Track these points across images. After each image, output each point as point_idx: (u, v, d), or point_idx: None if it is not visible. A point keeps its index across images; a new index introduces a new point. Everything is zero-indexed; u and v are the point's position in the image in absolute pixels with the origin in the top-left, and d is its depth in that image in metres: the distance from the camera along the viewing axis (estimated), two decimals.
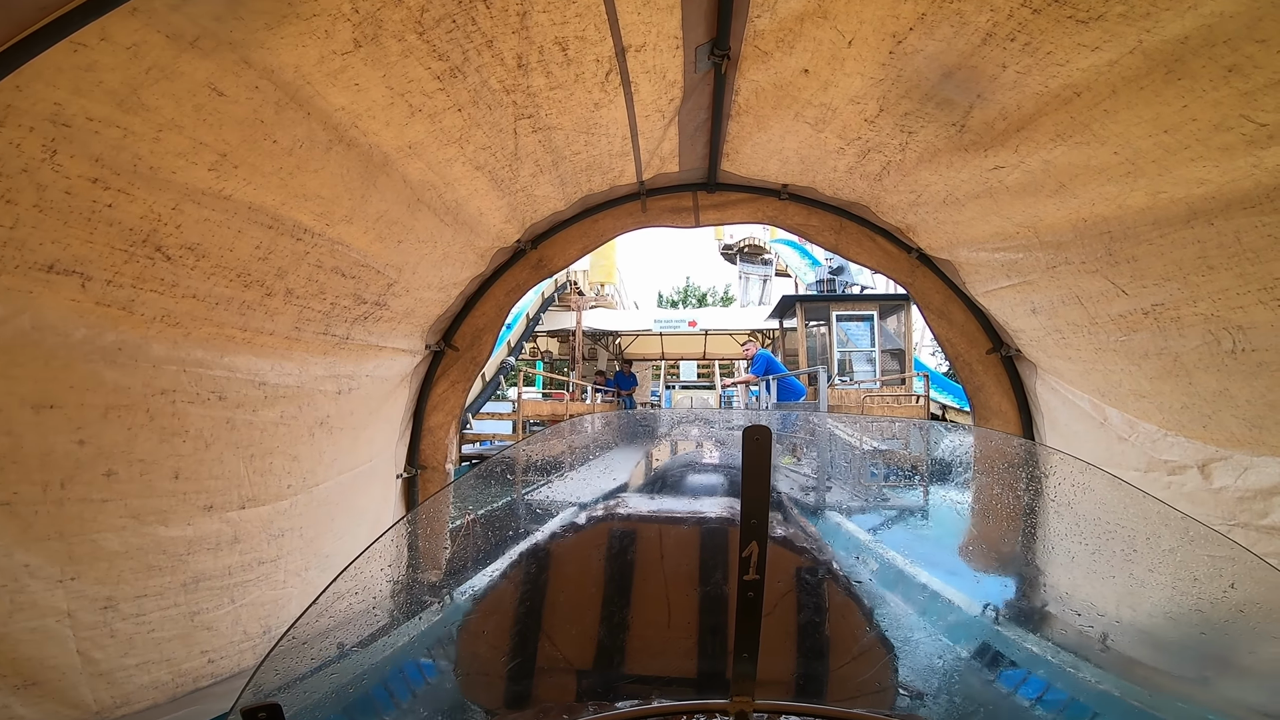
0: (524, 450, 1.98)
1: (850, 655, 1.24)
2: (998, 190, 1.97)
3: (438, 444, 3.05)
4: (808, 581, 1.28)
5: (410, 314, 2.52)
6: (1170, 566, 1.15)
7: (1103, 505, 1.30)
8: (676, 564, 1.35)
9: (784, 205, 2.91)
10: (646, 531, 1.39)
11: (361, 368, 2.38)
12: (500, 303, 2.96)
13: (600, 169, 2.59)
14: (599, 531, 1.41)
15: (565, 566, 1.38)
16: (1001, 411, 2.75)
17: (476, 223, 2.42)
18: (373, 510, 2.73)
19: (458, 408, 3.03)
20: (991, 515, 1.52)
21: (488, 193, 2.29)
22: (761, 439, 0.87)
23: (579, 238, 2.98)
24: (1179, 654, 1.21)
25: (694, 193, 2.97)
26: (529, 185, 2.42)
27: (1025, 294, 2.22)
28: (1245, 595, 1.07)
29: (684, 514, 1.46)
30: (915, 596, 1.52)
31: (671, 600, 1.31)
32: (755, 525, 0.88)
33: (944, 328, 2.78)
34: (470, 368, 2.99)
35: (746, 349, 8.89)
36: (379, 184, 1.89)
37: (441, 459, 3.08)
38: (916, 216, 2.47)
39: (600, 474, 1.69)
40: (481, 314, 2.97)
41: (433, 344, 2.90)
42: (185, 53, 1.23)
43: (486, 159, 2.11)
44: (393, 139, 1.79)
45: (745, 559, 0.89)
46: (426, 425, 3.03)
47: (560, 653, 1.26)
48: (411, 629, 1.37)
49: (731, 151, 2.60)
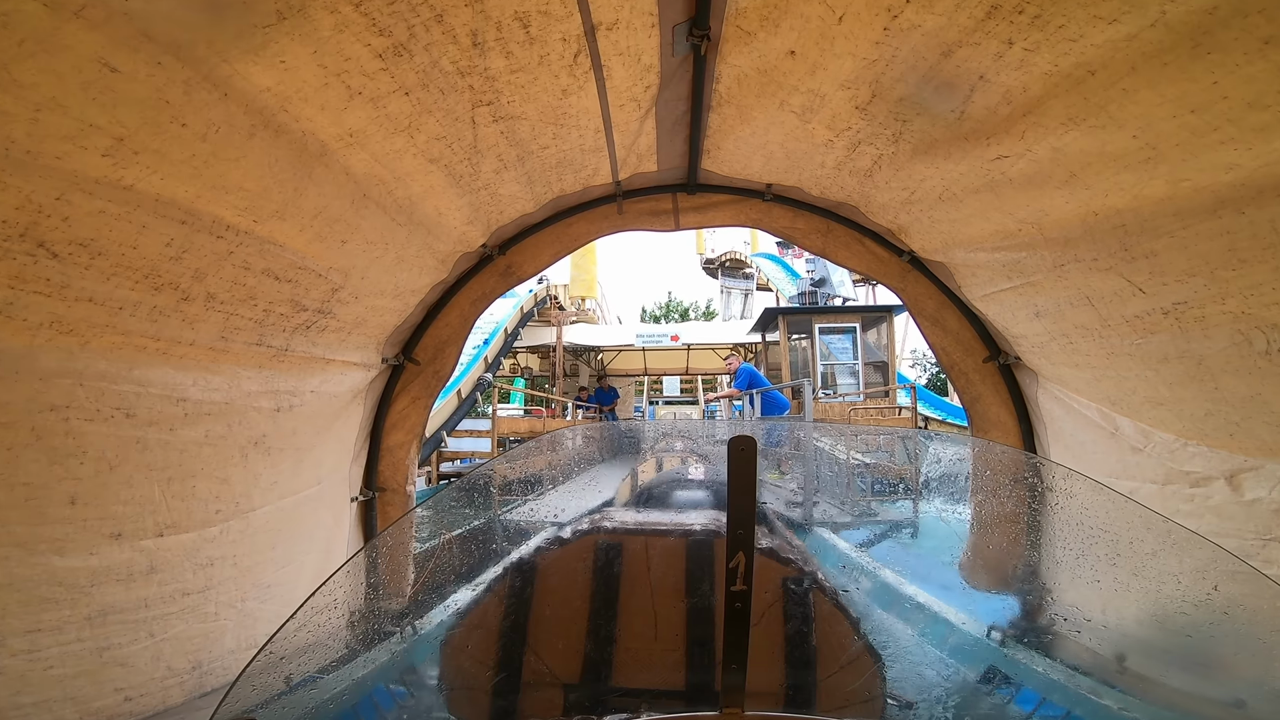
0: (503, 465, 1.92)
1: (839, 665, 1.23)
2: (1000, 183, 1.83)
3: (398, 465, 2.80)
4: (795, 592, 1.27)
5: (362, 323, 2.29)
6: (1155, 572, 1.14)
7: (1088, 513, 1.29)
8: (663, 576, 1.32)
9: (768, 207, 2.76)
10: (632, 544, 1.36)
11: (305, 382, 2.14)
12: (465, 312, 2.74)
13: (572, 166, 2.41)
14: (584, 545, 1.38)
15: (550, 580, 1.34)
16: (1000, 423, 2.59)
17: (434, 224, 2.21)
18: (323, 536, 2.47)
19: (419, 426, 2.79)
20: (978, 526, 1.50)
21: (445, 190, 2.08)
22: (747, 449, 0.87)
23: (551, 243, 2.78)
24: (1163, 659, 1.20)
25: (674, 194, 2.80)
26: (492, 183, 2.22)
27: (1028, 296, 2.07)
28: (1254, 614, 1.05)
29: (670, 526, 1.43)
30: (903, 607, 1.53)
31: (659, 613, 1.28)
32: (742, 536, 0.87)
33: (938, 335, 2.63)
34: (433, 383, 2.75)
35: (729, 363, 8.73)
36: (316, 176, 1.67)
37: (402, 480, 2.83)
38: (909, 216, 2.32)
39: (583, 487, 1.66)
40: (445, 325, 2.75)
41: (390, 357, 2.66)
42: (68, 23, 1.04)
43: (442, 151, 1.91)
44: (330, 126, 1.58)
45: (732, 569, 0.89)
46: (385, 445, 2.78)
47: (546, 667, 1.23)
48: (394, 645, 1.35)
49: (713, 148, 2.44)
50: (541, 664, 1.24)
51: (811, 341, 11.38)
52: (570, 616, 1.29)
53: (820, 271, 12.87)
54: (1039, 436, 2.48)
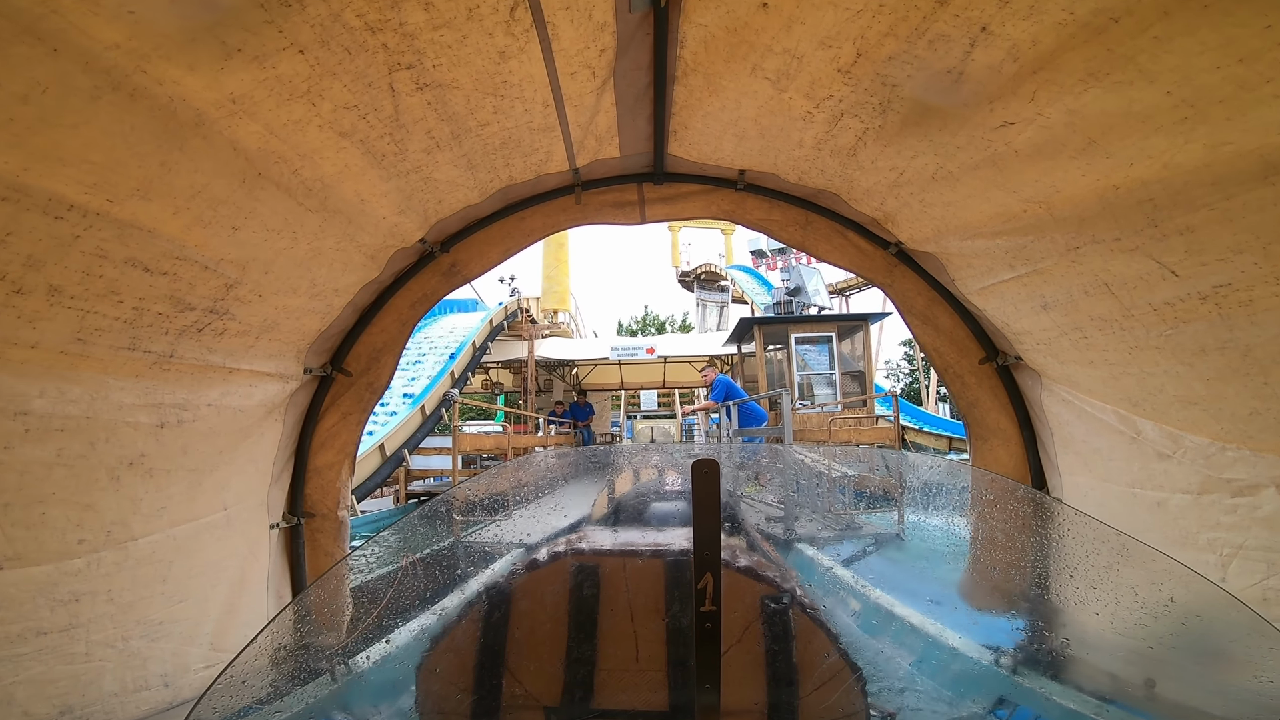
0: (472, 488, 1.91)
1: (820, 682, 1.23)
2: (1003, 156, 1.60)
3: (328, 488, 2.45)
4: (773, 609, 1.27)
5: (273, 327, 1.95)
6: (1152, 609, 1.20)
7: (1070, 539, 1.38)
8: (641, 597, 1.31)
9: (741, 198, 2.51)
10: (609, 565, 1.35)
11: (200, 395, 1.80)
12: (404, 317, 2.42)
13: (520, 149, 2.12)
14: (560, 567, 1.35)
15: (527, 603, 1.33)
16: (1000, 430, 2.36)
17: (356, 212, 1.90)
18: (235, 567, 2.12)
19: (352, 444, 2.45)
20: (957, 546, 1.55)
21: (365, 171, 1.78)
22: (710, 472, 0.89)
23: (501, 239, 2.49)
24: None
25: (639, 184, 2.54)
26: (424, 165, 1.93)
27: (1034, 286, 1.84)
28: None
29: (647, 546, 1.41)
30: (885, 623, 1.61)
31: (639, 633, 1.27)
32: (708, 557, 0.89)
33: (929, 335, 2.40)
34: (366, 396, 2.42)
35: (705, 375, 8.50)
36: (191, 149, 1.37)
37: (334, 505, 2.47)
38: (898, 201, 2.09)
39: (557, 509, 1.65)
40: (380, 330, 2.42)
41: (315, 367, 2.33)
42: None
43: (355, 124, 1.61)
44: (204, 90, 1.29)
45: (701, 590, 0.90)
46: (313, 465, 2.43)
47: (526, 690, 1.24)
48: (365, 673, 1.38)
49: (680, 127, 2.18)
50: (521, 687, 1.24)
51: (788, 352, 11.22)
52: (548, 639, 1.28)
53: (795, 280, 12.76)
54: (1044, 444, 2.25)
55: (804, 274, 12.79)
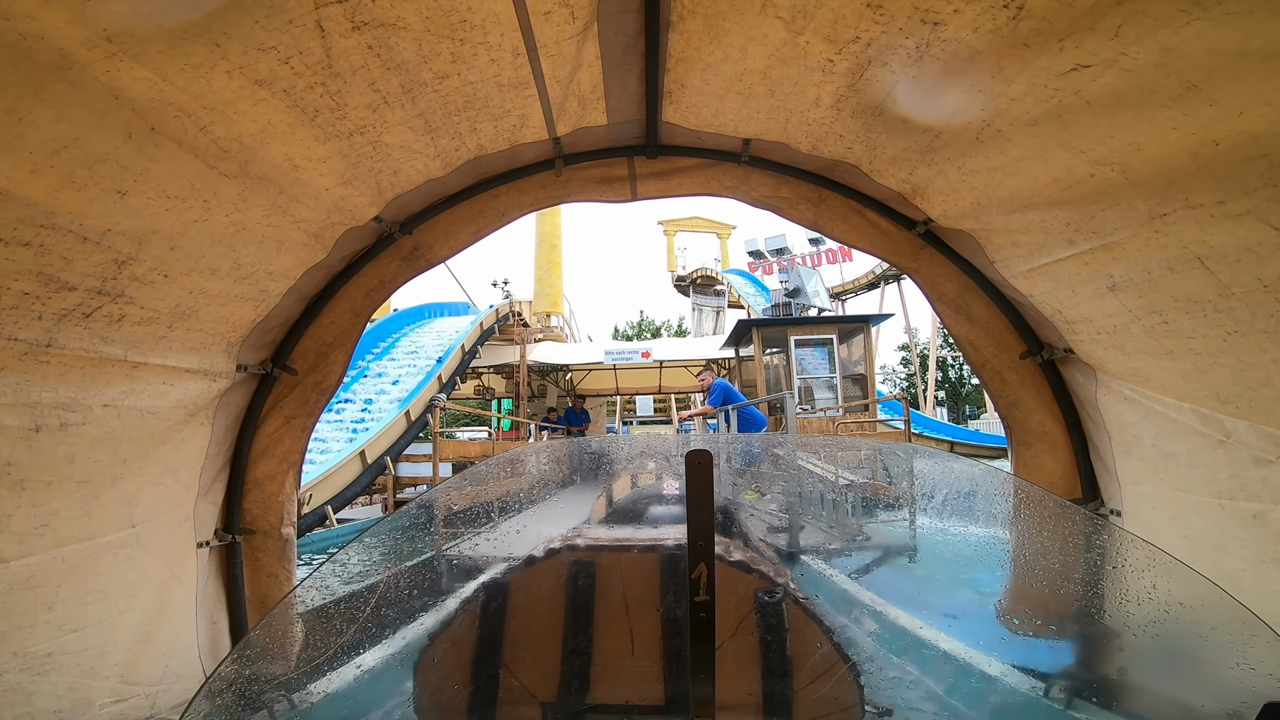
0: (462, 485, 1.81)
1: (815, 675, 1.21)
2: (1072, 108, 1.31)
3: (269, 501, 2.13)
4: (768, 602, 1.25)
5: (189, 314, 1.64)
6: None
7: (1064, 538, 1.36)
8: (637, 590, 1.29)
9: (746, 172, 2.21)
10: (605, 559, 1.33)
11: (92, 393, 1.48)
12: (358, 306, 2.11)
13: (488, 110, 1.82)
14: (556, 562, 1.33)
15: (523, 598, 1.31)
16: (1045, 433, 2.06)
17: (288, 180, 1.59)
18: (151, 592, 1.81)
19: (296, 453, 2.13)
20: (964, 549, 1.52)
21: (294, 129, 1.47)
22: (703, 463, 0.89)
23: (471, 218, 2.18)
24: None
25: (629, 158, 2.24)
26: (370, 125, 1.62)
27: (1099, 265, 1.54)
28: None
29: (642, 540, 1.39)
30: (883, 620, 1.59)
31: (634, 627, 1.26)
32: (702, 548, 0.90)
33: (963, 326, 2.10)
34: (314, 397, 2.10)
35: (702, 379, 8.17)
36: (51, 96, 1.08)
37: (277, 520, 2.15)
38: (931, 169, 1.79)
39: (545, 504, 1.65)
40: (330, 322, 2.11)
41: (253, 364, 2.01)
42: None
43: (275, 70, 1.31)
44: (68, 26, 1.03)
45: (695, 581, 0.91)
46: (252, 477, 2.11)
47: (522, 685, 1.23)
48: (362, 669, 1.37)
49: (675, 86, 1.88)
50: (517, 682, 1.23)
51: (787, 354, 10.92)
52: (545, 634, 1.26)
53: (794, 281, 12.46)
54: (1098, 449, 1.95)
55: (803, 275, 12.50)
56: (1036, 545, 1.43)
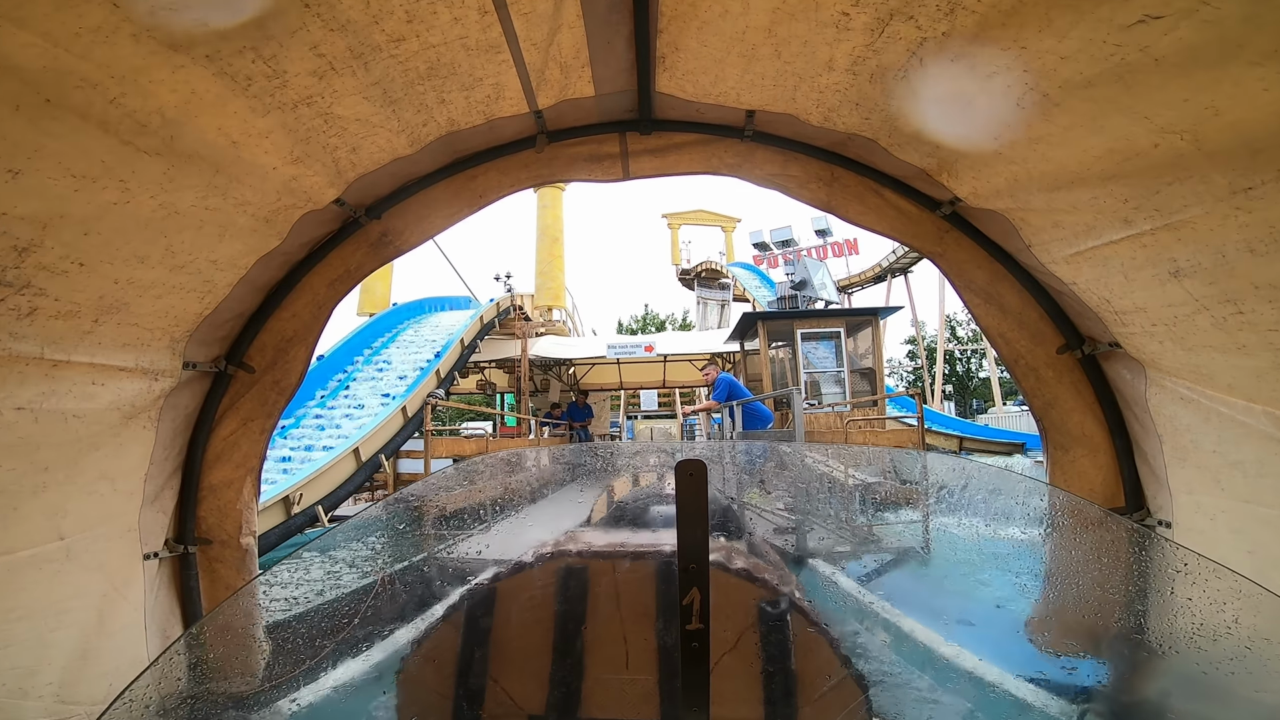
0: (447, 482, 1.71)
1: (820, 691, 1.15)
2: (1137, 67, 1.10)
3: (226, 509, 1.95)
4: (771, 614, 1.17)
5: (118, 307, 1.45)
6: None
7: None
8: (632, 601, 1.21)
9: (749, 149, 1.99)
10: (599, 568, 1.24)
11: (2, 395, 1.30)
12: (320, 298, 1.91)
13: (456, 78, 1.61)
14: (547, 570, 1.24)
15: (512, 607, 1.22)
16: (1085, 436, 1.85)
17: (226, 158, 1.40)
18: (86, 607, 1.65)
19: (255, 457, 1.95)
20: (986, 556, 1.42)
21: (224, 100, 1.28)
22: (696, 474, 0.82)
23: (446, 201, 1.98)
24: None
25: (621, 134, 2.03)
26: (317, 94, 1.42)
27: (1160, 247, 1.33)
28: None
29: (640, 548, 1.30)
30: (894, 633, 1.48)
31: (629, 639, 1.18)
32: (695, 571, 0.83)
33: (993, 317, 1.88)
34: (273, 397, 1.92)
35: (706, 374, 7.98)
36: None
37: (235, 530, 1.98)
38: (960, 143, 1.58)
39: (545, 506, 1.58)
40: (290, 315, 1.92)
41: (204, 361, 1.82)
42: None
43: (193, 33, 1.12)
44: None
45: (686, 607, 0.83)
46: (207, 483, 1.93)
47: (510, 698, 1.17)
48: (340, 679, 1.24)
49: (669, 50, 1.67)
50: (504, 694, 1.17)
51: (794, 348, 10.67)
52: (534, 645, 1.20)
53: (801, 273, 12.18)
54: (1145, 454, 1.74)
55: (810, 267, 12.21)
56: (1075, 560, 1.27)
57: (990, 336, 1.88)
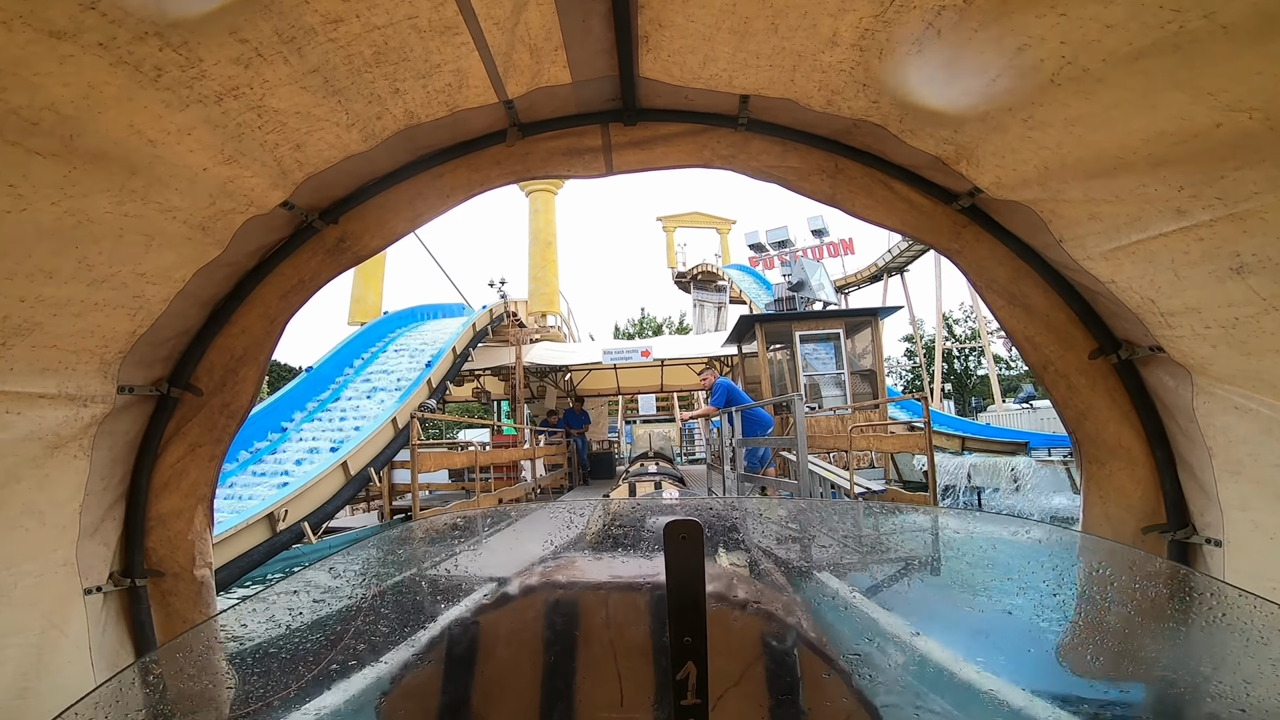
0: (430, 524, 1.62)
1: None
2: (1198, 36, 0.95)
3: (176, 540, 1.77)
4: (777, 649, 1.07)
5: (28, 328, 1.26)
6: None
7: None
8: (626, 634, 1.09)
9: (744, 139, 1.82)
10: (590, 599, 1.14)
11: None
12: (272, 311, 1.73)
13: (408, 64, 1.43)
14: (534, 601, 1.14)
15: (496, 641, 1.12)
16: (1123, 448, 1.67)
17: (142, 158, 1.22)
18: (20, 644, 1.48)
19: (205, 485, 1.77)
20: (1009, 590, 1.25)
21: (131, 93, 1.11)
22: (690, 536, 0.69)
23: (409, 202, 1.80)
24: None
25: (603, 125, 1.85)
26: (243, 85, 1.24)
27: (1223, 240, 1.15)
28: None
29: (634, 578, 1.18)
30: (909, 662, 1.30)
31: (623, 675, 1.06)
32: (690, 645, 0.73)
33: (1018, 319, 1.71)
34: (222, 421, 1.74)
35: (704, 378, 7.80)
36: None
37: (188, 562, 1.80)
38: (983, 126, 1.40)
39: (533, 534, 1.46)
40: (239, 332, 1.73)
41: (143, 384, 1.63)
42: None
43: (80, 18, 0.96)
44: None
45: (680, 682, 0.73)
46: (154, 513, 1.75)
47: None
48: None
49: (653, 28, 1.49)
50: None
51: (792, 350, 10.49)
52: (522, 681, 1.09)
53: (798, 274, 12.01)
54: (1192, 467, 1.56)
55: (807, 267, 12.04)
56: (1110, 605, 1.14)
57: (1016, 341, 1.71)
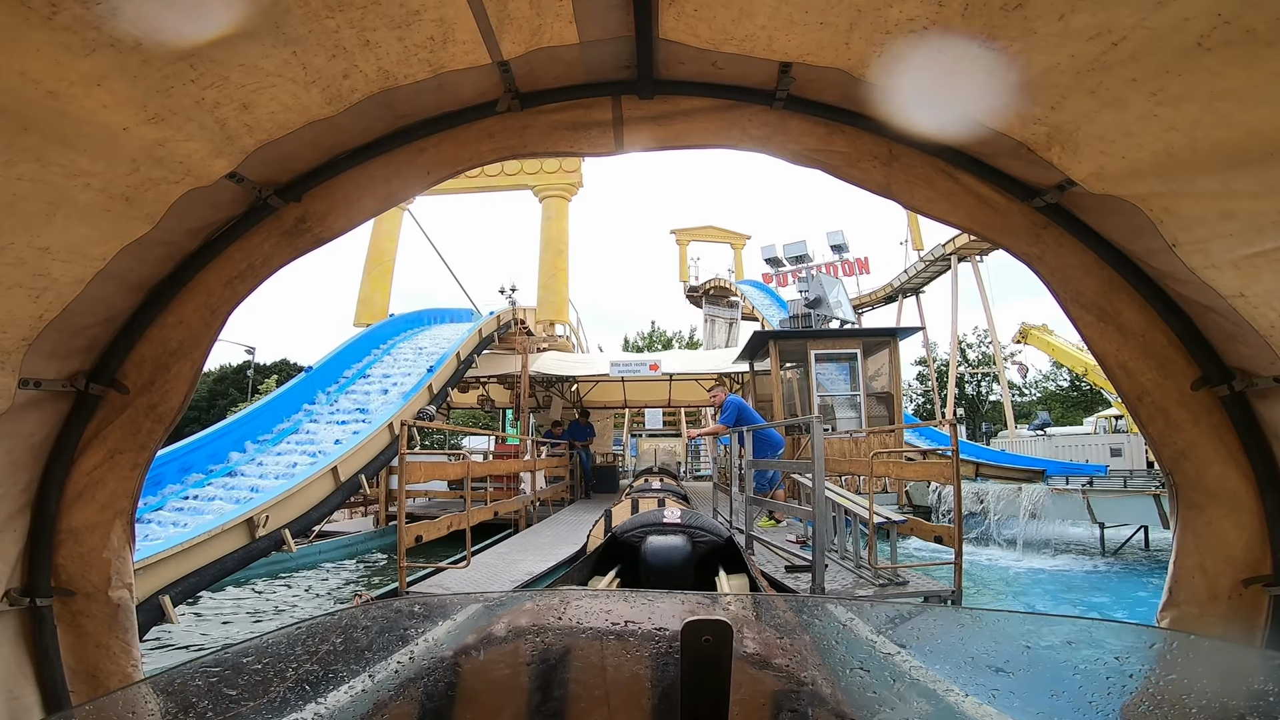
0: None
1: None
2: None
3: (90, 557, 1.50)
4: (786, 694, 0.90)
5: None
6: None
7: None
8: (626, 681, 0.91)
9: (781, 118, 1.55)
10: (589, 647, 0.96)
11: None
12: (215, 300, 1.47)
13: (384, 14, 1.18)
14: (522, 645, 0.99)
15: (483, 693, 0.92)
16: (1226, 492, 1.37)
17: (41, 112, 0.97)
18: None
19: (125, 497, 1.50)
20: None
21: (19, 32, 0.87)
22: (717, 639, 0.52)
23: (384, 179, 1.54)
24: None
25: (615, 98, 1.59)
26: (165, 24, 0.98)
27: None
28: None
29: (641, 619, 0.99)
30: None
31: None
32: None
33: (1109, 340, 1.41)
34: (147, 424, 1.47)
35: (714, 395, 7.49)
36: None
37: (103, 580, 1.53)
38: (1090, 101, 1.12)
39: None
40: (176, 322, 1.47)
41: (56, 378, 1.37)
42: None
43: None
44: None
45: None
46: (65, 526, 1.48)
47: None
48: None
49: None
50: None
51: (807, 369, 10.15)
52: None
53: (815, 291, 11.68)
54: None
55: (825, 284, 11.72)
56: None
57: (1105, 365, 1.41)
